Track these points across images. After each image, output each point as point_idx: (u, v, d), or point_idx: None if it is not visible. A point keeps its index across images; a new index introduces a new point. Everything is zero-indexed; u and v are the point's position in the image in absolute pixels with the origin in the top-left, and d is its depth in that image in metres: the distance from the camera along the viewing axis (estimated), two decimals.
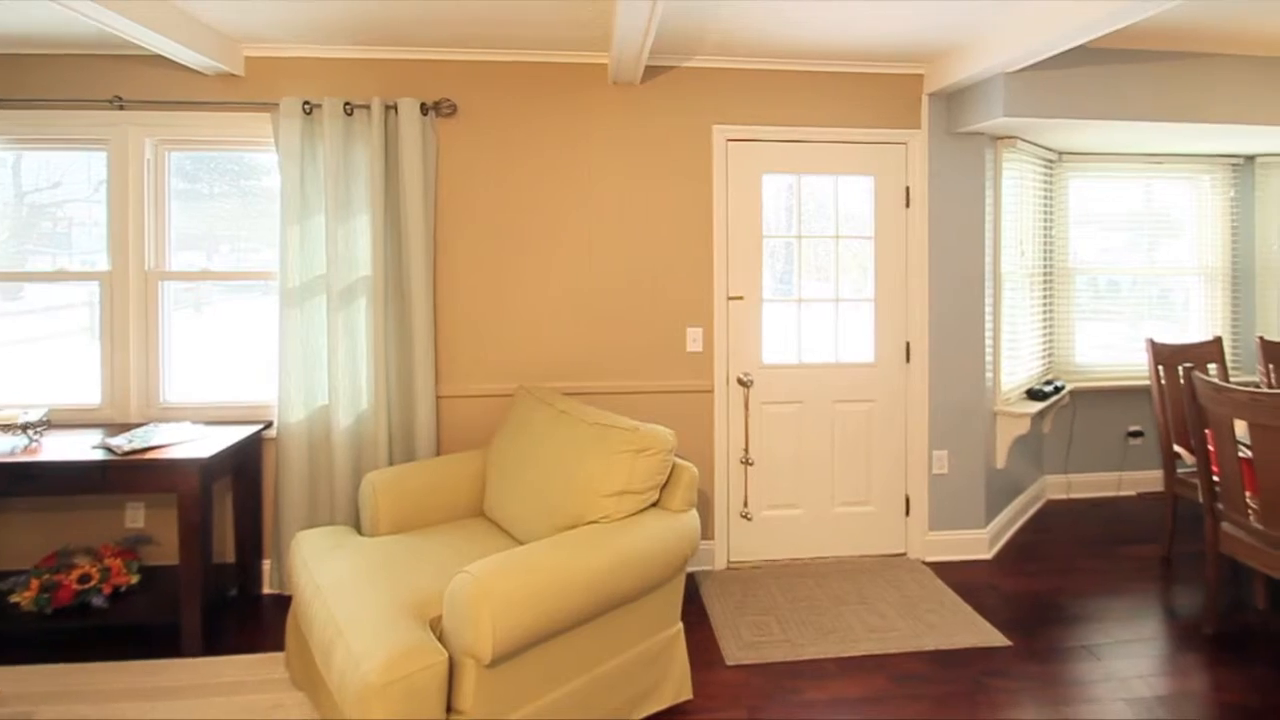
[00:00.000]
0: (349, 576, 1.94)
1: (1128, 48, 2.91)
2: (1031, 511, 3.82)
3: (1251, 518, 2.39)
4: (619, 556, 1.88)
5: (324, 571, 1.99)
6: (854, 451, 3.22)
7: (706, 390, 3.09)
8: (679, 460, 2.25)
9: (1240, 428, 2.47)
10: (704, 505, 3.09)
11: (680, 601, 2.14)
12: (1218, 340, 3.43)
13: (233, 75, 2.82)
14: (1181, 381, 2.66)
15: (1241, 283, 4.11)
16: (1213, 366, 3.42)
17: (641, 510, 2.11)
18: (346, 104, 2.76)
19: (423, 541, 2.23)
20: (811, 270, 3.25)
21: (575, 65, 3.00)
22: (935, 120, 3.19)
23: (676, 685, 2.08)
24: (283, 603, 2.75)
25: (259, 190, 3.01)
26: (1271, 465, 2.27)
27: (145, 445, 2.43)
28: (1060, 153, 3.91)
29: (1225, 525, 2.55)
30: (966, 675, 2.32)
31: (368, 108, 2.78)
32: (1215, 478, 2.55)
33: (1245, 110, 3.02)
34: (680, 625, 2.14)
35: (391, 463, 2.79)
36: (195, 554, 2.36)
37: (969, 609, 2.75)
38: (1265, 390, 2.28)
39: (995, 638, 2.54)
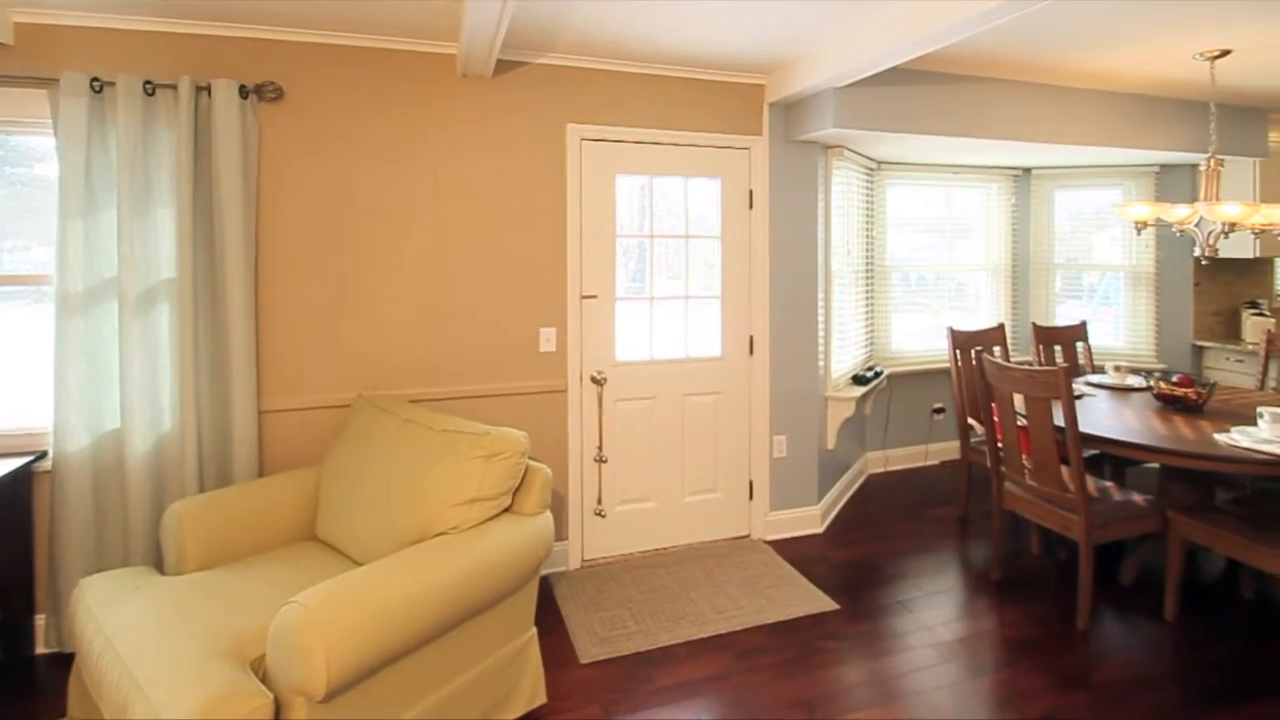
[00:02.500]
0: (148, 622, 1.73)
1: (933, 70, 3.27)
2: (856, 486, 4.23)
3: (1027, 476, 2.82)
4: (469, 568, 1.84)
5: (116, 619, 1.75)
6: (702, 442, 3.38)
7: (560, 390, 3.10)
8: (532, 462, 2.24)
9: (1018, 401, 2.90)
10: (558, 506, 3.10)
11: (534, 606, 2.14)
12: (1001, 326, 3.99)
13: None
14: (973, 363, 3.08)
15: (1019, 276, 4.81)
16: (998, 349, 3.98)
17: (493, 517, 2.09)
18: (147, 83, 2.42)
19: (242, 575, 2.04)
20: (663, 269, 3.35)
21: (420, 54, 2.84)
22: (775, 128, 3.40)
23: (530, 691, 2.09)
24: (63, 661, 2.41)
25: (30, 179, 2.57)
26: (1041, 431, 2.69)
27: None
28: (880, 162, 4.33)
29: (1008, 485, 2.99)
30: (801, 641, 2.54)
31: (174, 88, 2.46)
32: (1000, 444, 2.97)
33: (1022, 128, 3.50)
34: (534, 630, 2.14)
35: (203, 489, 2.51)
36: None
37: (804, 580, 3.00)
38: (1037, 368, 2.69)
39: (826, 604, 2.80)
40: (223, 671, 1.52)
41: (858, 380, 3.89)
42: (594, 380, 3.16)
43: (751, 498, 3.48)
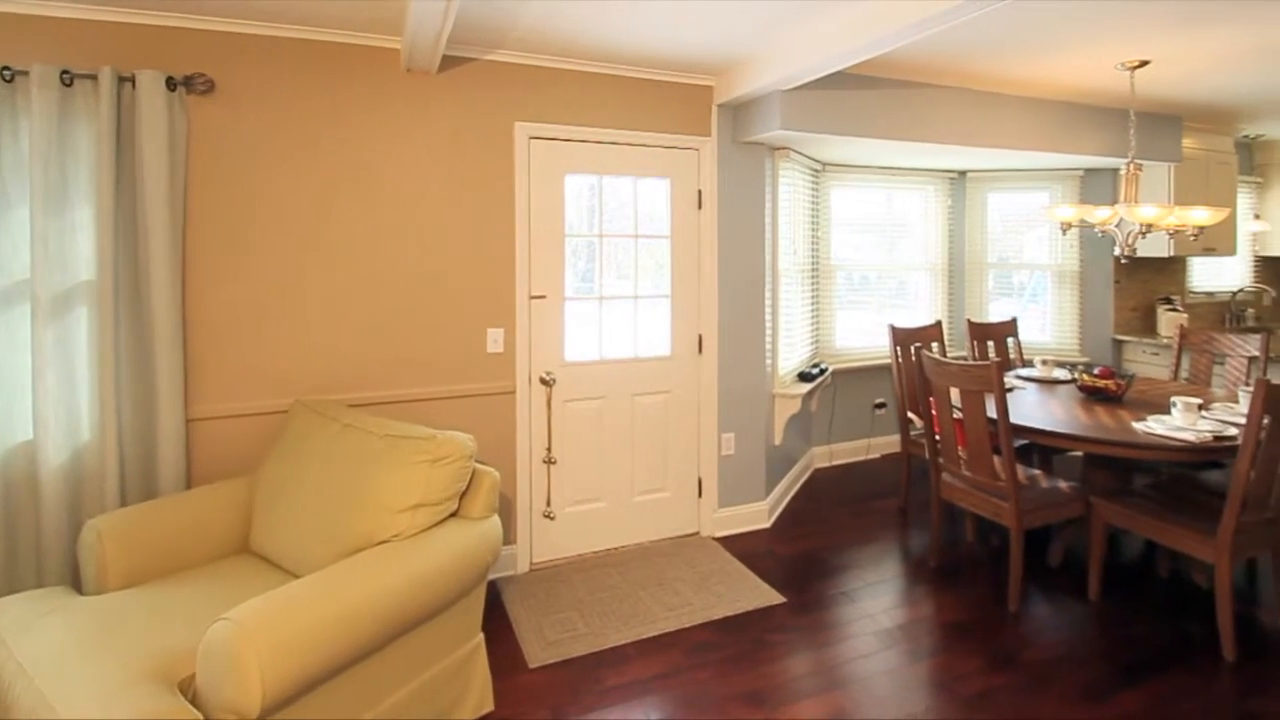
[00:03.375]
0: (65, 646, 1.64)
1: (875, 75, 3.35)
2: (802, 480, 4.32)
3: (962, 467, 2.94)
4: (414, 576, 1.81)
5: (29, 644, 1.65)
6: (652, 441, 3.40)
7: (508, 392, 3.07)
8: (480, 465, 2.22)
9: (955, 395, 3.02)
10: (506, 509, 3.07)
11: (481, 612, 2.12)
12: (939, 324, 4.13)
13: None
14: (913, 359, 3.20)
15: (955, 275, 5.00)
16: (935, 345, 4.13)
17: (439, 522, 2.06)
18: (65, 73, 2.28)
19: (169, 592, 1.95)
20: (613, 268, 3.35)
21: (362, 48, 2.76)
22: (723, 129, 3.44)
23: (477, 699, 2.06)
24: None
25: None
26: (975, 423, 2.81)
27: None
28: (824, 164, 4.43)
29: (945, 476, 3.10)
30: (749, 636, 2.59)
31: (94, 78, 2.32)
32: (937, 437, 3.08)
33: (958, 133, 3.63)
34: (481, 636, 2.12)
35: (125, 503, 2.39)
36: None
37: (752, 575, 3.06)
38: (972, 363, 2.81)
39: (773, 597, 2.86)
40: (148, 694, 1.45)
41: (804, 377, 3.97)
42: (543, 381, 3.14)
43: (700, 495, 3.51)
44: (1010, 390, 3.40)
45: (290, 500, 2.14)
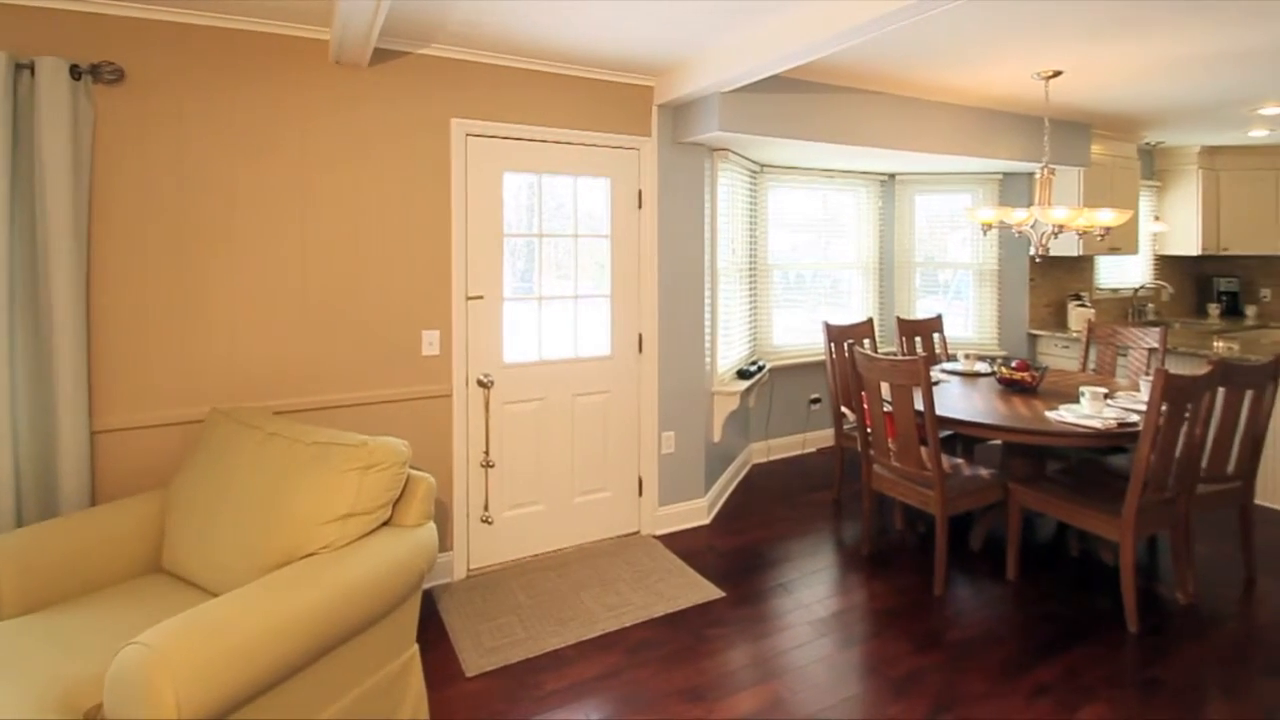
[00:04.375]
0: None
1: (810, 80, 3.44)
2: (741, 476, 4.40)
3: (892, 458, 3.06)
4: (343, 589, 1.75)
5: None
6: (592, 441, 3.39)
7: (444, 395, 3.00)
8: (414, 471, 2.17)
9: (885, 389, 3.13)
10: (442, 515, 3.01)
11: (415, 622, 2.07)
12: (870, 321, 4.27)
13: None
14: (846, 355, 3.31)
15: (886, 274, 5.19)
16: (867, 341, 4.27)
17: (371, 531, 2.00)
18: None
19: (73, 617, 1.82)
20: (552, 268, 3.32)
21: (288, 38, 2.64)
22: (664, 129, 3.46)
23: (412, 711, 2.01)
24: None
25: None
26: (904, 415, 2.92)
27: None
28: (762, 165, 4.51)
29: (876, 467, 3.22)
30: (689, 631, 2.62)
31: None
32: (869, 430, 3.20)
33: (887, 137, 3.76)
34: (416, 647, 2.07)
35: (22, 523, 2.22)
36: None
37: (692, 571, 3.10)
38: (900, 358, 2.92)
39: (713, 592, 2.91)
40: None
41: (742, 374, 4.04)
42: (480, 383, 3.09)
43: (641, 494, 3.53)
44: (936, 384, 3.54)
45: (208, 514, 2.03)
